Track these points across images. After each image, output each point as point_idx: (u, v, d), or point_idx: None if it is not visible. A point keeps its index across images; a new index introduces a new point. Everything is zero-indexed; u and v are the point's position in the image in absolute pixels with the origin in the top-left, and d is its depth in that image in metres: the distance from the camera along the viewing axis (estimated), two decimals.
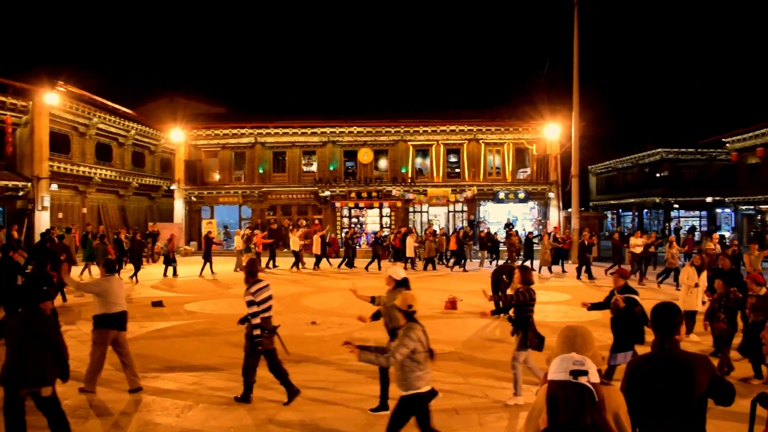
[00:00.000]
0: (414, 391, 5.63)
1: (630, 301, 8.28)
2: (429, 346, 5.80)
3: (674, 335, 3.72)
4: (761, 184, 35.29)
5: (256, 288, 8.06)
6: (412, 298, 5.93)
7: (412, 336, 5.63)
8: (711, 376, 3.58)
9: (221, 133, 36.63)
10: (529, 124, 35.74)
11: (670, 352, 3.64)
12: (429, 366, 5.78)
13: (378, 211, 36.75)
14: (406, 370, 5.63)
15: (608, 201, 55.02)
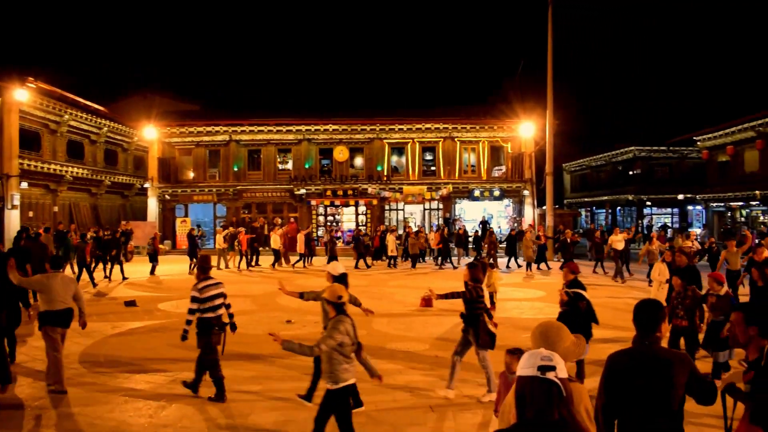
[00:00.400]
0: (342, 384, 5.66)
1: (576, 296, 8.32)
2: (357, 339, 5.86)
3: (655, 332, 3.75)
4: (731, 182, 35.87)
5: (203, 285, 8.10)
6: (341, 290, 6.00)
7: (340, 328, 5.67)
8: (690, 374, 3.61)
9: (195, 131, 36.28)
10: (504, 123, 35.92)
11: (651, 348, 3.67)
12: (354, 359, 5.86)
13: (354, 209, 36.72)
14: (333, 363, 5.66)
15: (582, 198, 55.54)
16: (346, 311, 5.94)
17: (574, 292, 8.31)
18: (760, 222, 33.65)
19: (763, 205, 32.95)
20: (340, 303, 5.88)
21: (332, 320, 5.80)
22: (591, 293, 8.76)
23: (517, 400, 2.51)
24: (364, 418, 7.26)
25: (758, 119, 32.18)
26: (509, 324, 13.13)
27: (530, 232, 25.70)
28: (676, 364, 3.61)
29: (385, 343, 11.34)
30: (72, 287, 8.57)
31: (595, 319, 8.41)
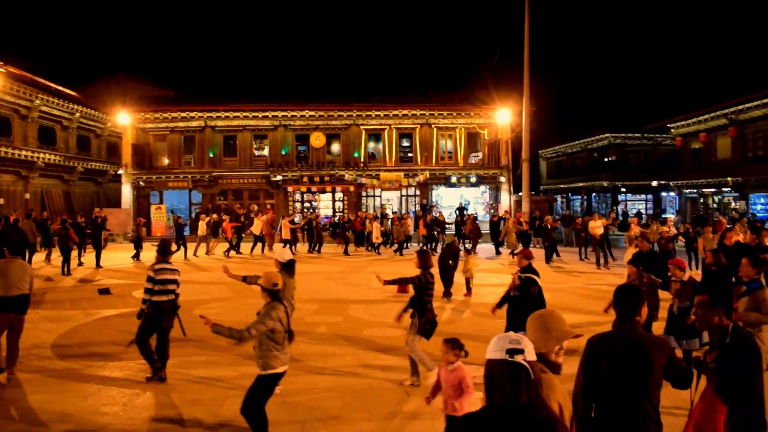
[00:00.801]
0: (271, 371, 5.69)
1: (528, 281, 8.38)
2: (290, 326, 5.86)
3: (634, 316, 3.81)
4: (704, 169, 36.33)
5: (159, 267, 8.14)
6: (276, 277, 6.02)
7: (272, 315, 5.69)
8: (668, 359, 3.68)
9: (170, 117, 35.86)
10: (481, 109, 36.01)
11: (630, 332, 3.72)
12: (287, 347, 5.85)
13: (331, 196, 36.66)
14: (264, 349, 5.69)
15: (558, 185, 55.90)
16: (280, 298, 5.95)
17: (526, 276, 8.39)
18: (732, 208, 34.12)
19: (735, 192, 33.42)
20: (274, 290, 5.90)
21: (265, 306, 5.83)
22: (571, 281, 8.86)
23: (486, 383, 2.53)
24: (340, 402, 7.28)
25: (730, 107, 32.58)
26: (485, 309, 13.20)
27: (512, 219, 25.67)
28: (653, 348, 3.67)
29: (361, 329, 11.35)
30: (29, 273, 8.52)
31: (544, 305, 8.44)
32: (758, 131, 31.45)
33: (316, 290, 16.07)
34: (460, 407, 5.33)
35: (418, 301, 8.12)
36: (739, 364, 3.78)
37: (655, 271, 9.49)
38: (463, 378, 5.39)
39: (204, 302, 13.98)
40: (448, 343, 5.58)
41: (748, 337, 3.85)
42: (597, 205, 49.42)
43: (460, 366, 5.47)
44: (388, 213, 33.18)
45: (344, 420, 6.82)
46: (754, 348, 3.80)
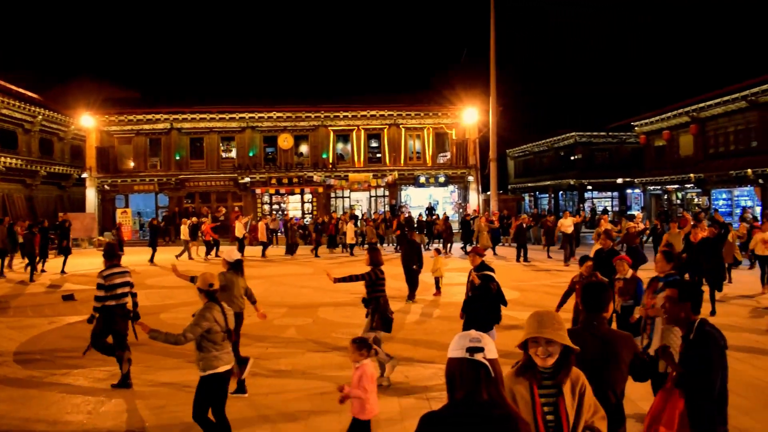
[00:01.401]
0: (212, 371, 5.67)
1: (486, 278, 8.39)
2: (229, 326, 5.85)
3: (602, 312, 3.88)
4: (667, 166, 36.96)
5: (108, 272, 8.08)
6: (212, 277, 6.00)
7: (207, 316, 5.68)
8: (634, 355, 3.76)
9: (135, 119, 35.38)
10: (449, 109, 36.17)
11: (598, 329, 3.78)
12: (228, 346, 5.84)
13: (299, 197, 36.52)
14: (203, 350, 5.68)
15: (526, 184, 56.37)
16: (217, 299, 5.93)
17: (484, 274, 8.41)
18: (695, 204, 34.75)
19: (697, 188, 34.04)
20: (210, 291, 5.89)
21: (201, 308, 5.81)
22: (539, 278, 8.91)
23: (447, 381, 2.55)
24: (310, 404, 7.25)
25: (692, 105, 33.18)
26: (454, 308, 13.27)
27: (484, 218, 25.64)
28: (621, 344, 3.75)
29: (330, 331, 11.31)
30: None
31: (503, 301, 8.59)
32: (719, 129, 32.09)
33: (285, 292, 16.00)
34: (361, 409, 5.30)
35: (370, 298, 8.19)
36: (698, 360, 3.84)
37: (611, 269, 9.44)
38: (360, 378, 5.33)
39: (171, 307, 13.82)
40: (354, 343, 5.56)
41: (710, 333, 3.89)
42: (564, 204, 49.97)
43: (363, 365, 5.39)
44: (357, 214, 33.18)
45: (314, 422, 6.79)
46: (715, 344, 3.85)
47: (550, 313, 3.09)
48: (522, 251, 23.13)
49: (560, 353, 3.01)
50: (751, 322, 11.79)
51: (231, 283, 8.03)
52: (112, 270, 8.12)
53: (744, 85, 28.49)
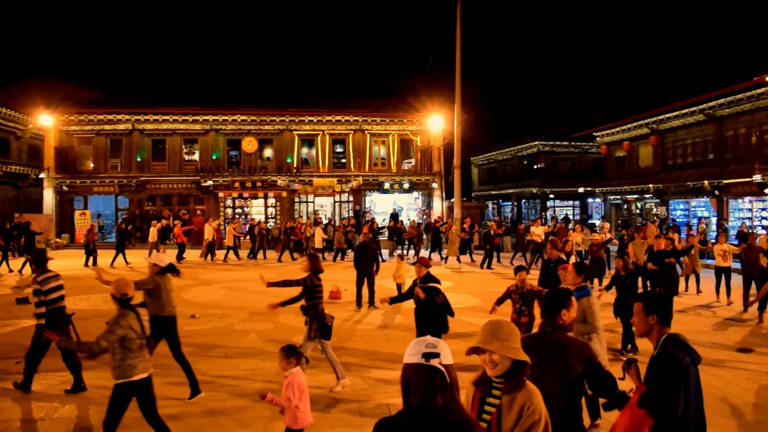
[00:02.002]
0: (125, 380, 5.62)
1: (431, 290, 8.17)
2: (146, 333, 5.81)
3: (557, 319, 3.96)
4: (627, 176, 37.67)
5: (43, 277, 7.90)
6: (126, 286, 5.94)
7: (121, 323, 5.63)
8: (587, 362, 3.75)
9: (96, 119, 34.76)
10: (414, 116, 36.32)
11: (552, 334, 3.83)
12: (145, 354, 5.80)
13: (263, 202, 36.26)
14: (118, 358, 5.62)
15: (489, 191, 56.87)
16: (131, 306, 5.87)
17: (429, 287, 8.17)
18: (654, 214, 35.41)
19: (656, 198, 34.71)
20: (124, 299, 5.84)
21: (115, 315, 5.75)
22: (499, 286, 8.93)
23: (402, 387, 2.54)
24: (270, 411, 7.16)
25: (652, 116, 33.88)
26: None
27: (455, 226, 25.52)
28: (573, 350, 3.77)
29: (291, 336, 11.22)
30: None
31: (450, 312, 8.39)
32: (677, 141, 32.81)
33: (247, 297, 15.85)
34: (293, 419, 5.29)
35: (308, 305, 8.06)
36: (659, 378, 3.77)
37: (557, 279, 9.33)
38: (287, 386, 5.31)
39: None
40: (282, 351, 5.54)
41: (671, 352, 3.76)
42: (527, 211, 50.55)
43: (292, 374, 5.38)
44: (323, 219, 33.03)
45: (273, 428, 6.72)
46: (675, 364, 3.73)
47: (504, 324, 3.06)
48: (488, 259, 23.09)
49: (511, 365, 2.97)
50: (716, 335, 12.01)
51: (160, 288, 7.89)
52: (46, 275, 7.93)
53: (701, 98, 29.18)
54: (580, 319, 6.25)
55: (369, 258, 14.53)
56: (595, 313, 6.41)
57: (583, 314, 6.32)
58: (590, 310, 6.35)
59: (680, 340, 3.86)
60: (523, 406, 2.92)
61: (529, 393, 2.97)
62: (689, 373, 3.76)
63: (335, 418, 7.07)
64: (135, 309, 5.84)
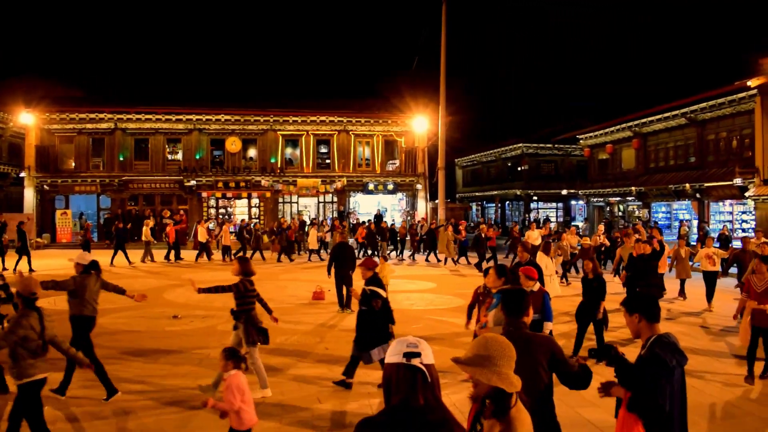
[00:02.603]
0: (28, 380, 5.58)
1: (372, 294, 7.88)
2: (47, 335, 5.73)
3: (521, 317, 4.02)
4: (610, 178, 37.93)
5: None
6: (35, 285, 5.90)
7: (23, 323, 5.59)
8: (551, 356, 3.84)
9: (78, 118, 34.43)
10: (398, 117, 36.34)
11: (517, 332, 3.86)
12: (44, 355, 5.74)
13: (247, 202, 36.10)
14: (18, 358, 5.57)
15: (473, 193, 57.09)
16: (35, 306, 5.80)
17: (370, 290, 7.89)
18: (636, 216, 35.68)
19: (638, 201, 34.98)
20: (30, 298, 5.78)
21: (17, 314, 5.72)
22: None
23: (384, 386, 2.54)
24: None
25: (634, 120, 34.12)
26: (399, 315, 13.30)
27: (451, 227, 25.28)
28: (537, 346, 3.87)
29: (273, 337, 11.14)
30: None
31: (391, 319, 8.08)
32: (660, 144, 33.08)
33: (230, 298, 15.65)
34: (238, 421, 5.27)
35: (239, 310, 7.80)
36: (646, 380, 3.81)
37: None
38: (226, 389, 5.30)
39: (110, 312, 13.39)
40: (223, 352, 5.52)
41: (658, 354, 3.82)
42: (510, 213, 50.81)
43: (231, 376, 5.36)
44: (305, 219, 32.92)
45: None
46: (660, 364, 3.79)
47: (494, 345, 2.84)
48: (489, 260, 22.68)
49: (494, 389, 2.78)
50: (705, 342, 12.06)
51: (83, 288, 7.81)
52: None
53: (684, 102, 29.43)
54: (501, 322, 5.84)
55: (347, 259, 14.40)
56: None
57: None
58: None
59: (668, 342, 3.89)
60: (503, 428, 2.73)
61: (510, 423, 2.74)
62: (675, 374, 3.83)
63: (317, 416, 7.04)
64: (39, 309, 5.77)
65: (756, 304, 8.43)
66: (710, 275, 14.57)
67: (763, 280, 8.49)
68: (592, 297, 9.53)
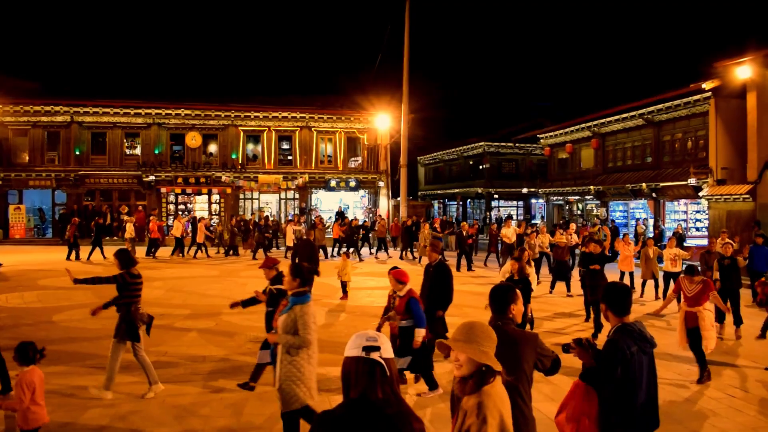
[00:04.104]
0: None
1: (280, 293, 7.67)
2: None
3: (506, 313, 4.04)
4: (569, 177, 38.44)
5: None
6: None
7: None
8: (537, 352, 3.93)
9: (32, 110, 33.59)
10: (361, 114, 36.30)
11: (502, 328, 3.87)
12: None
13: (207, 198, 35.69)
14: None
15: (435, 191, 57.36)
16: None
17: (277, 289, 7.75)
18: (594, 215, 36.22)
19: (597, 200, 35.51)
20: None
21: None
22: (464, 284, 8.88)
23: (343, 380, 2.56)
24: (208, 410, 7.03)
25: (593, 120, 34.61)
26: (360, 312, 13.38)
27: (427, 225, 25.10)
28: (523, 342, 3.90)
29: (233, 334, 11.07)
30: None
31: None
32: (617, 144, 33.64)
33: (188, 296, 15.54)
34: (23, 419, 5.16)
35: (120, 303, 7.62)
36: (599, 360, 4.08)
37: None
38: (16, 386, 5.18)
39: (66, 308, 13.18)
40: (15, 350, 5.38)
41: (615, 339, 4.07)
42: (472, 211, 51.19)
43: (23, 373, 5.22)
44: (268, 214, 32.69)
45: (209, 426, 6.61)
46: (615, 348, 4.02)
47: (478, 326, 3.03)
48: (466, 261, 22.68)
49: (476, 369, 2.93)
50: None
51: None
52: None
53: (641, 103, 29.92)
54: (290, 329, 5.35)
55: (313, 255, 14.38)
56: (308, 324, 5.36)
57: (294, 324, 5.35)
58: (302, 321, 5.34)
59: (631, 330, 4.10)
60: (474, 406, 2.86)
61: (485, 394, 2.87)
62: (634, 361, 4.00)
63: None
64: None
65: (687, 306, 9.00)
66: (672, 276, 14.47)
67: (693, 285, 9.11)
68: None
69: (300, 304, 5.43)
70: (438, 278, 8.89)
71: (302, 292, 5.61)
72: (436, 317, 8.43)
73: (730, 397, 7.98)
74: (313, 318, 5.43)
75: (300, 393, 5.27)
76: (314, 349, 5.49)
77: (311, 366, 5.45)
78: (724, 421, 7.09)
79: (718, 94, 23.85)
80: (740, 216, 22.08)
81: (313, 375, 5.48)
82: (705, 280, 9.22)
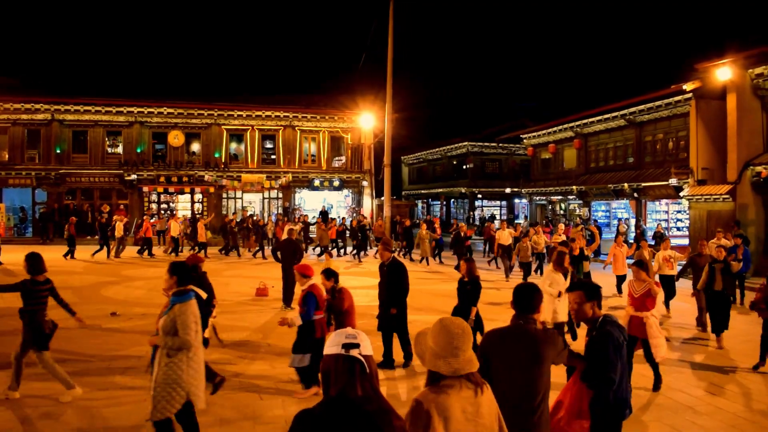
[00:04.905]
0: None
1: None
2: None
3: (531, 313, 4.01)
4: (552, 177, 38.63)
5: None
6: None
7: None
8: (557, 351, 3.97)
9: (12, 108, 33.21)
10: (345, 113, 36.27)
11: (524, 327, 3.92)
12: None
13: (189, 197, 35.49)
14: None
15: (419, 190, 57.46)
16: None
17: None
18: (577, 214, 36.44)
19: (579, 199, 35.72)
20: None
21: None
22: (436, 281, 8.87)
23: (322, 378, 2.55)
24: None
25: (576, 120, 34.80)
26: None
27: (425, 225, 24.99)
28: (543, 342, 3.88)
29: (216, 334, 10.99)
30: None
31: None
32: (600, 144, 33.85)
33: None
34: None
35: (24, 310, 7.22)
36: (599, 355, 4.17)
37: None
38: None
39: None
40: None
41: (609, 331, 4.20)
42: (455, 210, 51.34)
43: None
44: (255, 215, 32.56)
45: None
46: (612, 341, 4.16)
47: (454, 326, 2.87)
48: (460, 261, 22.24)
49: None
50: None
51: None
52: None
53: (623, 104, 30.12)
54: (170, 330, 5.04)
55: (297, 254, 14.27)
56: (187, 324, 5.06)
57: (174, 325, 5.04)
58: (180, 320, 5.04)
59: (614, 321, 4.33)
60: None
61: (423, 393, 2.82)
62: (623, 349, 4.20)
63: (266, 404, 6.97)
64: None
65: (633, 310, 8.10)
66: (668, 279, 13.60)
67: (641, 286, 8.23)
68: (465, 300, 9.01)
69: (179, 303, 5.15)
70: (392, 276, 9.11)
71: (182, 291, 5.31)
72: (390, 315, 8.81)
73: (711, 395, 8.04)
74: (194, 317, 5.16)
75: (177, 398, 5.00)
76: (195, 351, 5.19)
77: (192, 369, 5.14)
78: (704, 418, 7.14)
79: (698, 96, 24.05)
80: (720, 216, 22.29)
81: (196, 379, 5.20)
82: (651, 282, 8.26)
